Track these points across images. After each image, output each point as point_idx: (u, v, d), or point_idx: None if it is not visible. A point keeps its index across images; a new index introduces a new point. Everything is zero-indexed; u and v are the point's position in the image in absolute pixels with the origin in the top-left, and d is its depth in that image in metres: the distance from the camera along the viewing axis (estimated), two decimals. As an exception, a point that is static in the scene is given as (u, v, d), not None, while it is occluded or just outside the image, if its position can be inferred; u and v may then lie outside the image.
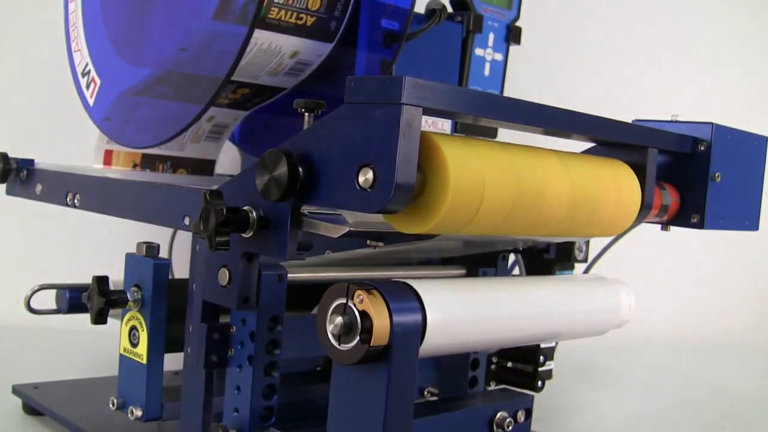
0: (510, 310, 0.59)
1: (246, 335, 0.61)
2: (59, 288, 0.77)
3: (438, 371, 0.83)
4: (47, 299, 0.78)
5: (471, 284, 0.59)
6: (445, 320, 0.53)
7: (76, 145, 1.23)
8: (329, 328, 0.50)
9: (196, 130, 0.87)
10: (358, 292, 0.49)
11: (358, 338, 0.48)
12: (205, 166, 0.93)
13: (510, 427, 0.64)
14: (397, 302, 0.49)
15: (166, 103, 0.78)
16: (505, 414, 0.64)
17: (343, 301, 0.49)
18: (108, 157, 0.90)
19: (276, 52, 0.75)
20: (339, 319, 0.49)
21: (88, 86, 0.87)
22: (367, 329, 0.48)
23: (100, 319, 0.64)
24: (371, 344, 0.48)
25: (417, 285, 0.52)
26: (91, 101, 0.86)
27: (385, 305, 0.49)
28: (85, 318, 0.65)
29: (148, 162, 0.90)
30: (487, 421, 0.63)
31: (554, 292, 0.64)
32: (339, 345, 0.49)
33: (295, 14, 0.73)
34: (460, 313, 0.55)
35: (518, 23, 0.99)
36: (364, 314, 0.48)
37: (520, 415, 0.66)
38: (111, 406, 0.68)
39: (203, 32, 0.71)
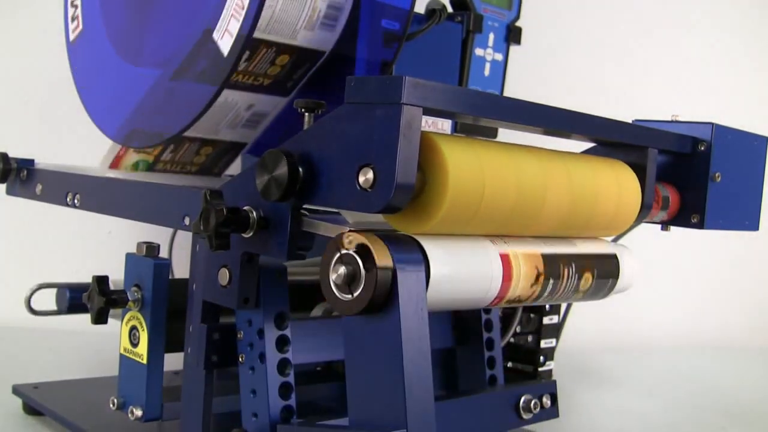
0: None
1: (254, 334, 0.60)
2: (58, 287, 0.77)
3: (454, 372, 0.82)
4: (48, 300, 0.78)
5: (475, 240, 0.57)
6: (449, 272, 0.52)
7: (76, 145, 1.23)
8: (332, 277, 0.49)
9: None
10: (362, 241, 0.48)
11: (362, 286, 0.47)
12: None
13: (537, 409, 0.64)
14: (401, 253, 0.49)
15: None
16: (530, 396, 0.64)
17: (346, 250, 0.49)
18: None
19: (232, 105, 0.75)
20: (342, 269, 0.48)
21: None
22: (371, 279, 0.47)
23: (100, 319, 0.64)
24: (374, 291, 0.47)
25: (422, 239, 0.52)
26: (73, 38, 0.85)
27: (388, 254, 0.48)
28: (85, 318, 0.65)
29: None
30: (512, 404, 0.63)
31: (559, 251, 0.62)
32: (342, 295, 0.49)
33: (253, 77, 0.73)
34: (464, 266, 0.53)
35: (518, 23, 0.99)
36: (366, 262, 0.47)
37: (546, 400, 0.65)
38: (111, 406, 0.68)
39: (162, 91, 0.71)
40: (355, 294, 0.48)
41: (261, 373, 0.60)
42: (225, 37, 0.69)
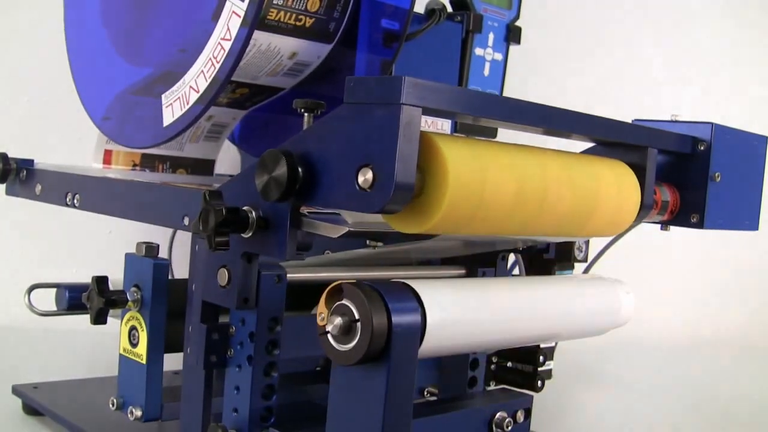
0: (509, 310, 0.59)
1: (245, 335, 0.61)
2: (54, 287, 0.77)
3: (438, 371, 0.83)
4: (49, 300, 0.78)
5: (470, 284, 0.58)
6: (444, 321, 0.52)
7: (76, 145, 1.23)
8: (328, 328, 0.50)
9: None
10: (357, 292, 0.49)
11: (356, 339, 0.48)
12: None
13: (509, 427, 0.64)
14: (396, 302, 0.49)
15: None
16: (505, 414, 0.64)
17: (342, 301, 0.49)
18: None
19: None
20: (338, 320, 0.49)
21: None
22: (366, 330, 0.48)
23: (99, 319, 0.64)
24: (369, 345, 0.48)
25: (417, 285, 0.52)
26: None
27: (383, 306, 0.49)
28: (85, 318, 0.65)
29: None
30: (486, 421, 0.63)
31: (553, 293, 0.64)
32: (338, 345, 0.49)
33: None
34: (460, 314, 0.54)
35: (518, 23, 0.99)
36: (363, 315, 0.48)
37: (520, 415, 0.66)
38: (111, 406, 0.68)
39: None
40: (351, 345, 0.49)
41: (247, 373, 0.61)
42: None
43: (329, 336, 0.50)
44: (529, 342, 0.63)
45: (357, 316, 0.48)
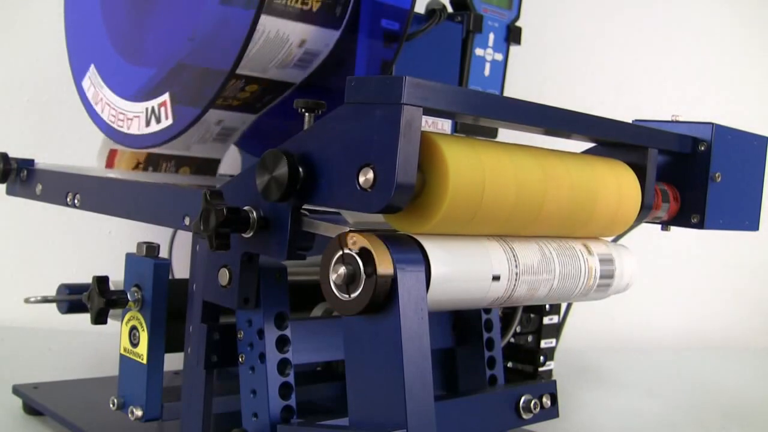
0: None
1: (254, 335, 0.60)
2: (57, 301, 0.76)
3: (454, 371, 0.81)
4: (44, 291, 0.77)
5: (475, 239, 0.57)
6: (449, 272, 0.52)
7: (76, 145, 1.23)
8: (332, 277, 0.49)
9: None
10: (360, 240, 0.48)
11: (361, 287, 0.47)
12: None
13: (537, 409, 0.64)
14: (401, 253, 0.48)
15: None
16: (530, 396, 0.64)
17: (346, 251, 0.48)
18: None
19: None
20: (342, 269, 0.48)
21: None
22: (370, 276, 0.47)
23: (100, 319, 0.64)
24: (374, 292, 0.47)
25: (423, 239, 0.52)
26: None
27: (389, 255, 0.48)
28: (85, 318, 0.65)
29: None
30: (513, 403, 0.63)
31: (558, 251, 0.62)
32: (341, 295, 0.48)
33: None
34: (465, 266, 0.53)
35: (518, 23, 0.99)
36: (366, 262, 0.47)
37: (546, 400, 0.65)
38: (111, 406, 0.68)
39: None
40: (354, 295, 0.48)
41: (261, 373, 0.60)
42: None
43: (333, 286, 0.49)
44: (532, 302, 0.61)
45: (361, 266, 0.47)
